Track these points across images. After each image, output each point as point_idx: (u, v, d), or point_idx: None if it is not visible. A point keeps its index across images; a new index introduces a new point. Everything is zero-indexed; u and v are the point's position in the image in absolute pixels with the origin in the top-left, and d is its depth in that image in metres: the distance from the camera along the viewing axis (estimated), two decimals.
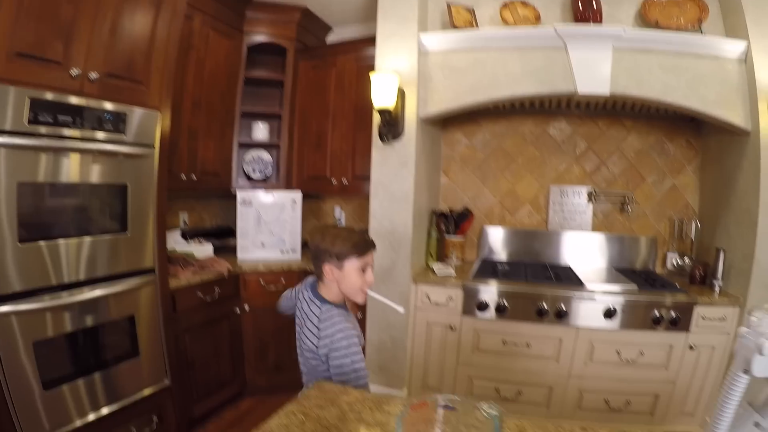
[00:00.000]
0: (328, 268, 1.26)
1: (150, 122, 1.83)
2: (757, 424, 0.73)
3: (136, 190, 1.81)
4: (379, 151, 2.36)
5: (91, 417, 1.68)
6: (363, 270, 1.27)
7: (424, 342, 2.35)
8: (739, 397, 0.73)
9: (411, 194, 2.30)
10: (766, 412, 0.73)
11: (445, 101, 2.33)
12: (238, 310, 2.45)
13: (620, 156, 2.63)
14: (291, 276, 2.52)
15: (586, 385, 2.28)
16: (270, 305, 2.51)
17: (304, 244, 2.88)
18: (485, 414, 0.83)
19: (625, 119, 2.62)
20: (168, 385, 1.99)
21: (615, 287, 2.22)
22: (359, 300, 1.31)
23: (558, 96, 2.30)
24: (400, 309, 1.33)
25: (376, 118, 2.31)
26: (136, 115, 1.76)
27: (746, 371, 0.70)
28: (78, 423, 1.63)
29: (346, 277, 1.26)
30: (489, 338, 2.27)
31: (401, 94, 2.28)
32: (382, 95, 2.19)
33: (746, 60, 2.10)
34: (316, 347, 1.25)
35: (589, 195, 2.65)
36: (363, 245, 1.27)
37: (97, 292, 1.66)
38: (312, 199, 2.94)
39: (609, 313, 2.17)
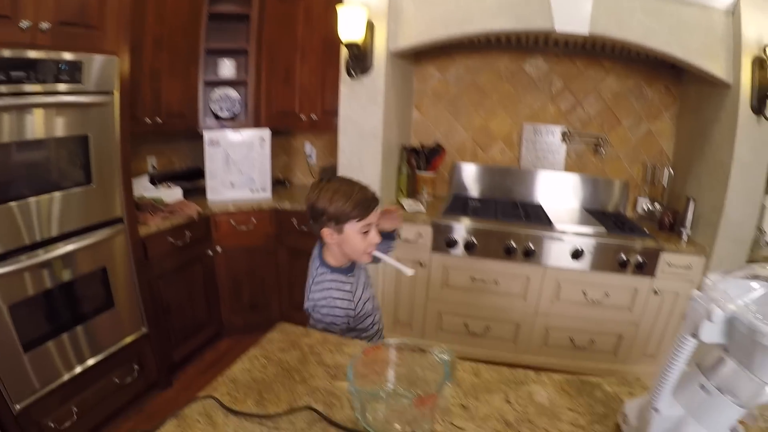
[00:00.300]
0: (328, 232, 1.16)
1: (108, 68, 1.72)
2: (702, 387, 0.72)
3: (99, 140, 1.73)
4: (347, 86, 2.27)
5: (77, 370, 1.69)
6: (365, 232, 1.16)
7: (394, 278, 2.35)
8: (686, 359, 0.72)
9: (380, 130, 2.24)
10: (712, 374, 0.72)
11: (416, 35, 2.23)
12: (210, 252, 2.41)
13: (597, 97, 2.58)
14: (262, 215, 2.48)
15: (552, 323, 2.32)
16: (241, 245, 2.50)
17: (276, 182, 2.83)
18: (436, 358, 0.83)
19: (604, 60, 2.55)
20: (146, 332, 1.99)
21: (584, 229, 2.22)
22: (364, 261, 1.22)
23: (535, 33, 2.22)
24: (409, 271, 1.23)
25: (344, 53, 2.21)
26: (93, 62, 1.66)
27: (694, 335, 0.69)
28: (66, 377, 1.65)
29: (348, 240, 1.15)
30: (458, 275, 2.28)
31: (370, 27, 2.18)
32: (349, 28, 2.08)
33: (734, 12, 2.03)
34: (305, 301, 1.23)
35: (563, 135, 2.61)
36: (365, 205, 1.13)
37: (68, 247, 1.62)
38: (282, 135, 2.86)
39: (576, 254, 2.19)
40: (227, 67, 2.76)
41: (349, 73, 2.23)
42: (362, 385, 0.80)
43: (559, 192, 2.66)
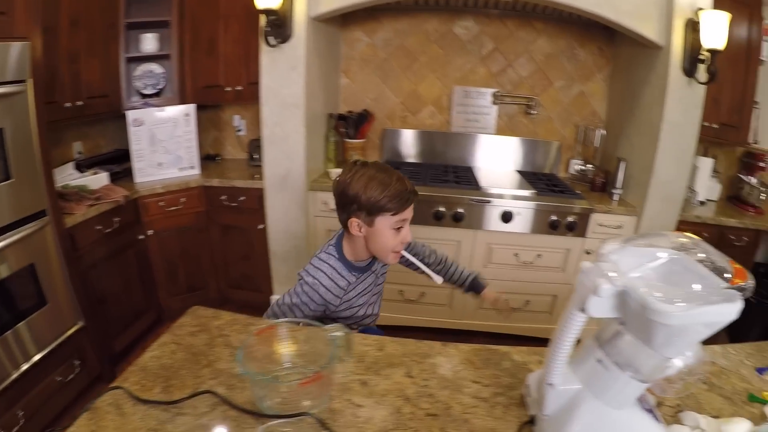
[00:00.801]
0: (356, 223, 1.03)
1: (19, 55, 1.59)
2: (599, 361, 0.70)
3: (15, 132, 1.61)
4: (267, 54, 2.18)
5: (16, 374, 1.61)
6: (398, 228, 1.03)
7: None
8: (576, 334, 0.69)
9: (302, 99, 2.17)
10: (609, 348, 0.69)
11: None
12: (141, 237, 2.33)
13: (528, 59, 2.54)
14: (190, 194, 2.40)
15: None
16: (173, 226, 2.43)
17: (207, 157, 2.74)
18: (328, 336, 0.81)
19: (535, 21, 2.51)
20: (83, 325, 1.91)
21: (514, 191, 2.22)
22: (389, 262, 1.11)
23: None
24: (439, 280, 1.19)
25: (263, 20, 2.12)
26: (1, 50, 1.53)
27: (583, 310, 0.65)
28: (6, 382, 1.56)
29: (377, 235, 1.03)
30: None
31: None
32: None
33: None
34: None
35: (494, 97, 2.58)
36: (403, 198, 1.00)
37: None
38: (210, 109, 2.76)
39: (506, 217, 2.18)
40: (150, 41, 2.62)
41: (267, 42, 2.14)
42: (260, 366, 0.80)
43: (491, 155, 2.65)
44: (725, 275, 0.63)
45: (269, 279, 2.39)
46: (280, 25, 2.12)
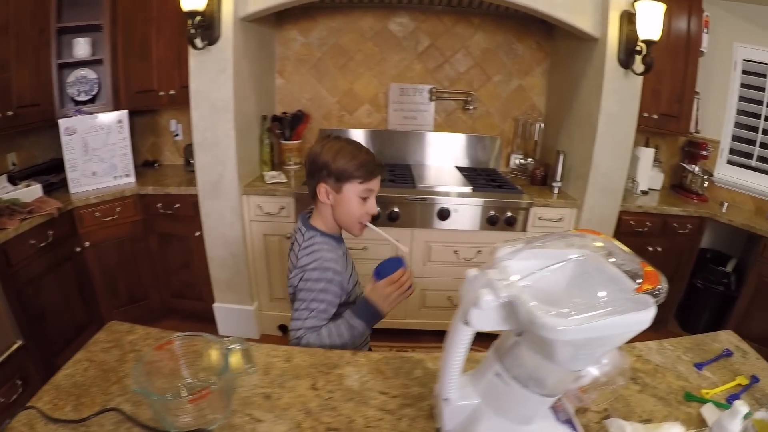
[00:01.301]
0: (324, 189, 1.06)
1: None
2: (498, 375, 0.63)
3: None
4: (195, 57, 2.13)
5: None
6: (364, 198, 1.07)
7: (264, 254, 2.28)
8: (464, 348, 0.62)
9: (231, 102, 2.12)
10: (509, 361, 0.63)
11: None
12: (78, 249, 2.26)
13: (465, 54, 2.52)
14: (126, 203, 2.35)
15: (428, 285, 2.31)
16: (110, 237, 2.36)
17: (145, 164, 2.69)
18: (224, 348, 0.78)
19: (472, 17, 2.49)
20: (22, 344, 1.85)
21: (450, 188, 2.20)
22: (355, 233, 1.12)
23: None
24: (404, 249, 1.17)
25: (189, 23, 2.06)
26: None
27: (467, 323, 0.59)
28: None
29: (344, 202, 1.06)
30: None
31: None
32: None
33: None
34: (290, 279, 1.09)
35: (431, 93, 2.55)
36: (370, 167, 1.05)
37: None
38: (147, 114, 2.71)
39: (444, 215, 2.16)
40: (82, 46, 2.55)
41: (193, 45, 2.09)
42: (166, 381, 0.79)
43: (429, 152, 2.63)
44: (637, 280, 0.57)
45: (210, 286, 2.35)
46: (207, 26, 2.08)
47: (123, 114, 2.42)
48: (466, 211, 2.17)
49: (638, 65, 2.08)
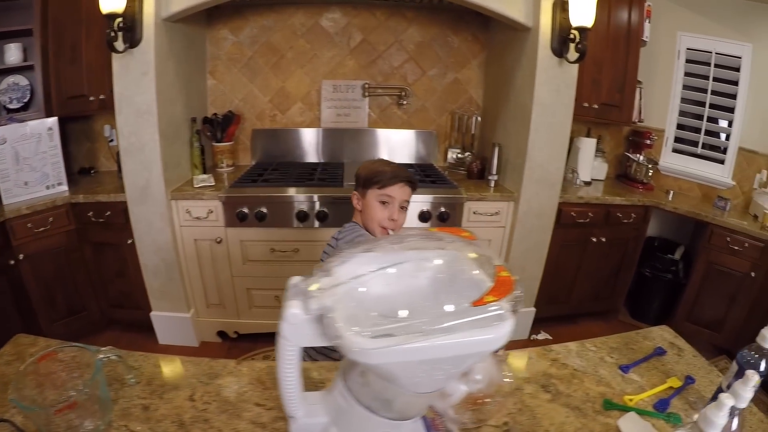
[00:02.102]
0: (355, 196, 1.28)
1: None
2: (342, 396, 0.58)
3: None
4: (118, 61, 2.08)
5: None
6: (384, 203, 1.23)
7: (196, 260, 2.25)
8: (294, 364, 0.55)
9: (155, 106, 2.08)
10: (350, 379, 0.57)
11: None
12: (12, 262, 2.22)
13: (399, 48, 2.48)
14: (58, 213, 2.30)
15: None
16: (44, 249, 2.31)
17: (82, 171, 2.65)
18: (100, 357, 0.77)
19: (405, 10, 2.45)
20: None
21: None
22: (376, 233, 1.25)
23: None
24: None
25: (109, 25, 2.02)
26: None
27: (283, 337, 0.53)
28: None
29: (368, 206, 1.24)
30: (256, 248, 2.19)
31: None
32: None
33: None
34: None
35: (364, 89, 2.51)
36: (387, 176, 1.22)
37: None
38: (82, 120, 2.66)
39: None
40: (13, 52, 2.50)
41: (112, 48, 2.05)
42: (54, 392, 0.77)
43: (363, 149, 2.59)
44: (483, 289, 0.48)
45: (146, 295, 2.32)
46: (128, 29, 2.03)
47: (53, 121, 2.37)
48: None
49: (572, 53, 2.04)
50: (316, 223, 2.14)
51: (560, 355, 1.00)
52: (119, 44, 2.05)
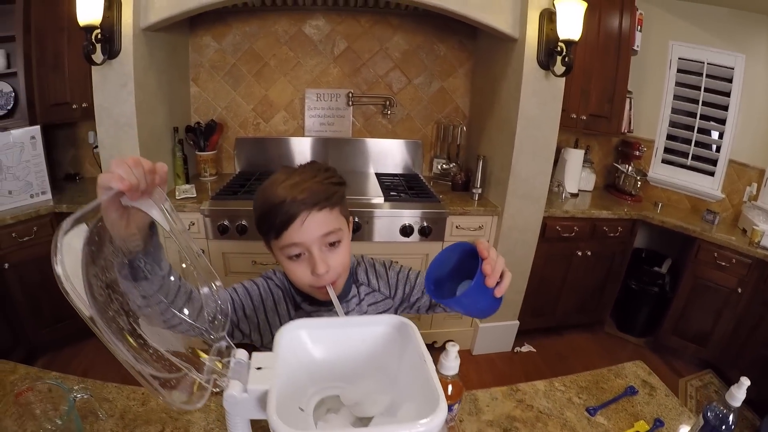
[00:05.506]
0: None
1: None
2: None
3: None
4: (98, 72, 2.07)
5: None
6: (297, 256, 0.78)
7: (180, 271, 2.25)
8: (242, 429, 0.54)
9: (134, 118, 2.07)
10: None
11: (167, 7, 2.03)
12: None
13: (384, 56, 2.44)
14: (42, 222, 2.30)
15: None
16: (30, 258, 2.32)
17: (67, 177, 2.65)
18: (72, 396, 0.77)
19: (391, 17, 2.40)
20: None
21: (361, 199, 2.12)
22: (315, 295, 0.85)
23: None
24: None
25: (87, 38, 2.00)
26: None
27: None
28: None
29: (282, 265, 0.82)
30: (238, 260, 2.19)
31: (115, 3, 1.97)
32: (86, 8, 1.87)
33: None
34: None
35: (349, 98, 2.48)
36: (280, 213, 0.75)
37: None
38: (66, 127, 2.65)
39: (354, 226, 2.10)
40: None
41: (90, 61, 2.03)
42: (34, 423, 0.76)
43: (347, 159, 2.56)
44: None
45: None
46: (106, 40, 2.01)
47: (35, 130, 2.36)
48: (377, 222, 2.11)
49: (559, 66, 2.00)
50: None
51: (526, 396, 0.98)
52: (97, 56, 2.04)
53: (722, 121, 2.43)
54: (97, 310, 0.45)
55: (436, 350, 0.51)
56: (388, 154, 2.55)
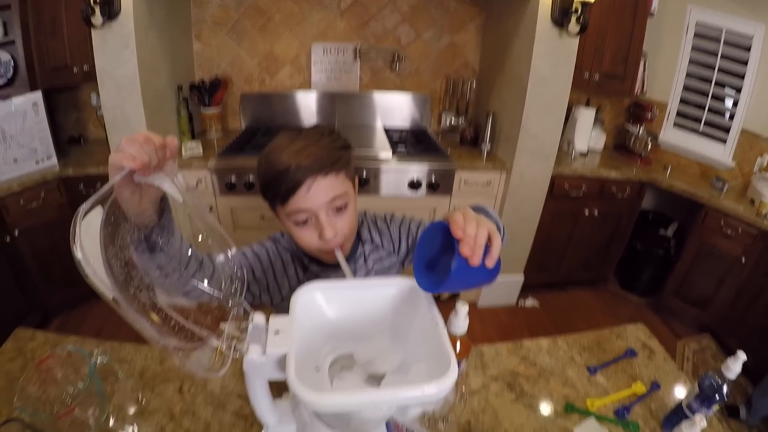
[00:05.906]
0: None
1: None
2: (303, 408, 0.59)
3: None
4: (98, 34, 2.01)
5: None
6: (303, 222, 0.76)
7: (189, 229, 2.26)
8: (261, 387, 0.57)
9: (137, 78, 2.03)
10: None
11: None
12: (8, 239, 2.25)
13: (393, 10, 2.35)
14: (49, 187, 2.30)
15: None
16: (39, 223, 2.32)
17: (71, 140, 2.62)
18: (92, 361, 0.79)
19: None
20: None
21: (368, 153, 2.10)
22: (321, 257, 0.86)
23: None
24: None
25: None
26: None
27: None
28: None
29: (288, 231, 0.81)
30: (246, 215, 2.20)
31: None
32: None
33: None
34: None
35: (356, 52, 2.42)
36: (285, 179, 0.73)
37: None
38: (67, 90, 2.61)
39: (361, 181, 2.09)
40: None
41: (89, 23, 1.97)
42: (57, 388, 0.79)
43: (356, 113, 2.52)
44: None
45: None
46: (105, 1, 1.95)
47: (37, 96, 2.32)
48: (385, 177, 2.09)
49: (573, 26, 1.93)
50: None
51: (530, 352, 1.00)
52: (96, 18, 1.98)
53: (737, 89, 2.36)
54: (119, 290, 0.46)
55: (441, 303, 0.50)
56: (395, 108, 2.51)
